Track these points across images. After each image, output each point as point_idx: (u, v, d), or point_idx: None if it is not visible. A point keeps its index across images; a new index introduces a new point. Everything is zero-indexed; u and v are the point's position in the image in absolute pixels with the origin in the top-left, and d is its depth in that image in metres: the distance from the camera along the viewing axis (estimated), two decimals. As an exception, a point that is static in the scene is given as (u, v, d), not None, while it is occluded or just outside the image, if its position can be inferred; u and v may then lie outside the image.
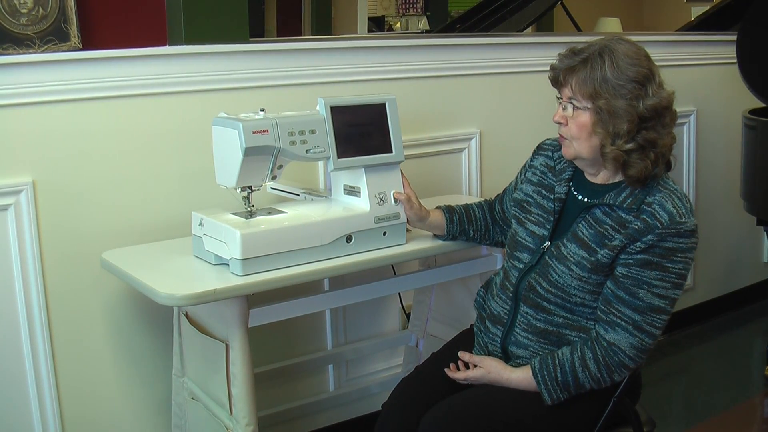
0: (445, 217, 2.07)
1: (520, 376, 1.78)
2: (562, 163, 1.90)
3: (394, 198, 2.02)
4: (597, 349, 1.72)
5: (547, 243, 1.84)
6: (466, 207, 2.12)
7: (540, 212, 1.89)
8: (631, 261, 1.70)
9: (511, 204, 2.01)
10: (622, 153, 1.71)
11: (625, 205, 1.73)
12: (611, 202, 1.75)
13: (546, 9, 4.57)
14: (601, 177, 1.82)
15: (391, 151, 2.02)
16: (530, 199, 1.93)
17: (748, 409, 3.01)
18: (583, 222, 1.78)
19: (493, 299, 1.92)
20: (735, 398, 3.05)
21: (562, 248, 1.78)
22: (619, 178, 1.78)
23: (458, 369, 1.87)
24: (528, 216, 1.91)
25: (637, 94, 1.69)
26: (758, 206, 3.12)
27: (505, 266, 1.94)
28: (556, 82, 1.79)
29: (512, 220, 1.97)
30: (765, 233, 3.45)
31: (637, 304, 1.70)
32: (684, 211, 1.71)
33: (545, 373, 1.75)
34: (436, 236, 2.11)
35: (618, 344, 1.71)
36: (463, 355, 1.88)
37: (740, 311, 3.86)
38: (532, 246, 1.87)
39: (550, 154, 1.95)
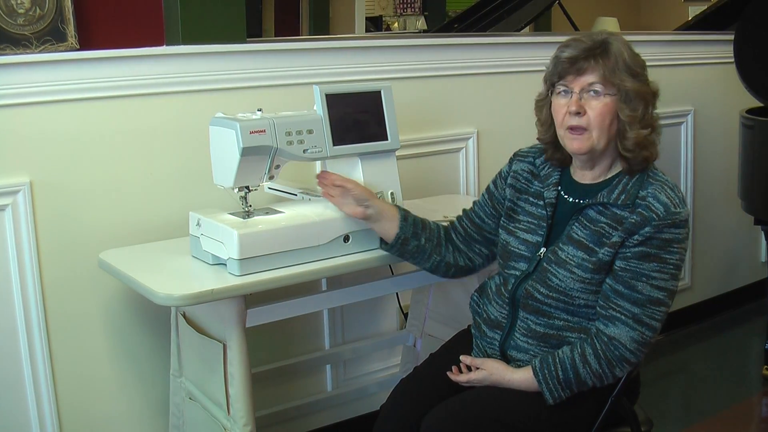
0: (399, 212, 1.94)
1: (522, 377, 1.77)
2: (546, 168, 1.88)
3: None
4: (597, 344, 1.72)
5: (543, 249, 1.83)
6: (422, 218, 2.00)
7: (530, 219, 1.87)
8: (629, 254, 1.70)
9: (491, 213, 1.96)
10: (643, 136, 1.73)
11: (619, 202, 1.73)
12: (604, 200, 1.75)
13: (543, 9, 4.56)
14: (590, 176, 1.81)
15: (387, 139, 2.02)
16: (517, 208, 1.91)
17: (746, 409, 3.01)
18: (576, 224, 1.78)
19: (490, 303, 1.90)
20: (733, 398, 3.05)
21: (560, 252, 1.77)
22: (609, 174, 1.79)
23: (460, 371, 1.87)
24: (518, 225, 1.89)
25: (646, 77, 1.75)
26: (756, 205, 3.12)
27: (500, 273, 1.93)
28: (570, 71, 1.73)
29: (500, 231, 1.93)
30: (762, 232, 3.45)
31: (636, 297, 1.69)
32: (678, 201, 1.72)
33: (546, 371, 1.74)
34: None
35: (618, 338, 1.70)
36: (465, 359, 1.87)
37: (738, 310, 3.86)
38: (527, 254, 1.85)
39: (531, 160, 1.92)
